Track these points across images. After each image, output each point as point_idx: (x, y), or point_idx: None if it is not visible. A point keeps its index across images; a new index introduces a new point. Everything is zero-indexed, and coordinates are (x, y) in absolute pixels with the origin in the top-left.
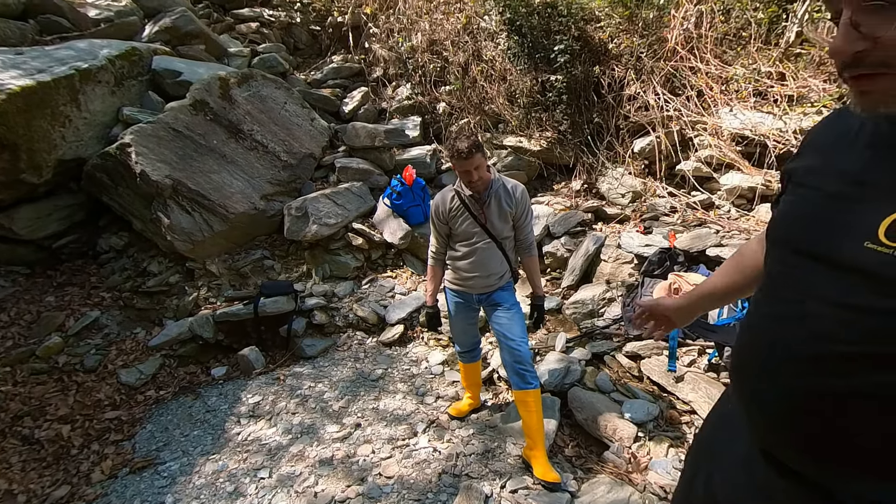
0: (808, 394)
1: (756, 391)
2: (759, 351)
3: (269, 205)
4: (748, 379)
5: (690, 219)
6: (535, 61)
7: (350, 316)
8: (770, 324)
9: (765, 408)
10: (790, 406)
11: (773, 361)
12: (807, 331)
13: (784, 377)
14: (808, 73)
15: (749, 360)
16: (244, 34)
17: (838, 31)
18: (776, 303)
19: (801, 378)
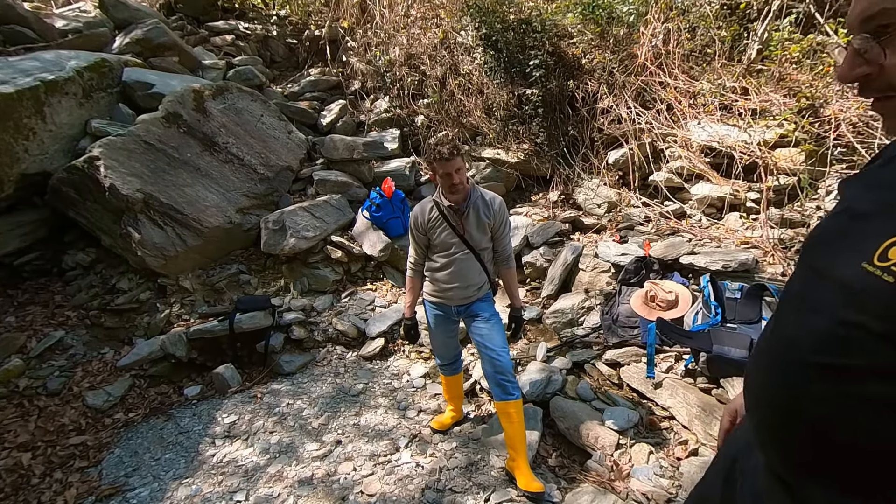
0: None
1: (751, 396)
2: (757, 355)
3: (245, 218)
4: (748, 388)
5: (664, 228)
6: (512, 75)
7: (329, 330)
8: (771, 329)
9: (759, 407)
10: (775, 411)
11: (761, 362)
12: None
13: (763, 380)
14: (769, 88)
15: (751, 370)
16: (219, 47)
17: (844, 57)
18: (782, 311)
19: (789, 380)
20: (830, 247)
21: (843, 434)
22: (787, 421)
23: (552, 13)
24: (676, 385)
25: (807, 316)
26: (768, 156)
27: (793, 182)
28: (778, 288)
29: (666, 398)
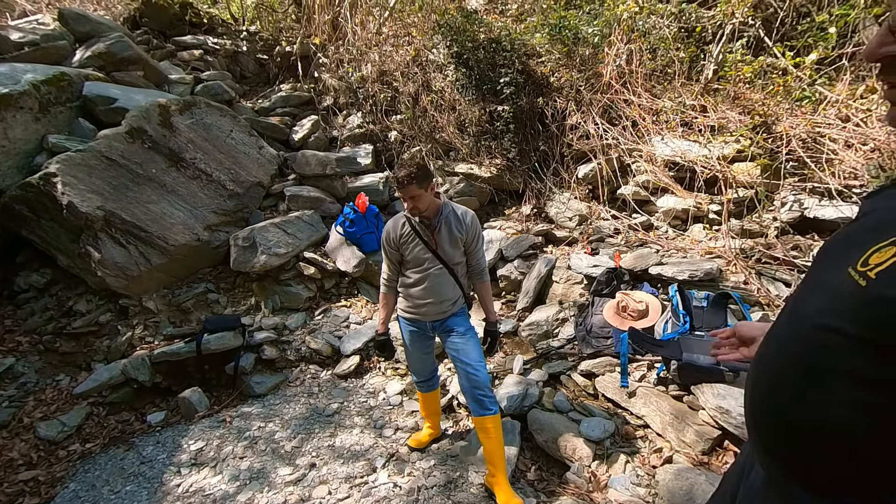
0: (770, 395)
1: (748, 403)
2: (756, 356)
3: (213, 235)
4: (746, 394)
5: (633, 239)
6: (483, 92)
7: (302, 349)
8: (777, 321)
9: (750, 402)
10: (764, 404)
11: (759, 360)
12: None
13: (759, 378)
14: (725, 106)
15: (749, 378)
16: (186, 61)
17: (875, 34)
18: (791, 302)
19: (767, 381)
20: (830, 254)
21: (829, 437)
22: (777, 425)
23: (521, 33)
24: (649, 393)
25: (796, 320)
26: (727, 170)
27: (751, 194)
28: (741, 296)
29: (640, 407)
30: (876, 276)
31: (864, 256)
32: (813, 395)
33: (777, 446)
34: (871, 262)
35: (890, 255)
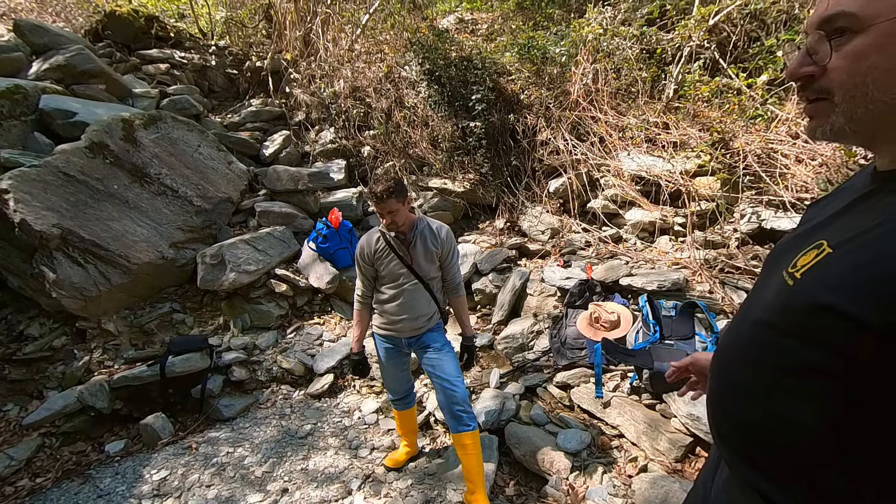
0: (723, 391)
1: (707, 393)
2: (718, 346)
3: (179, 253)
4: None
5: (603, 252)
6: (455, 109)
7: (274, 369)
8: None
9: (709, 405)
10: (720, 404)
11: (716, 353)
12: (730, 336)
13: (714, 375)
14: (686, 123)
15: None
16: (152, 75)
17: (797, 56)
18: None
19: (720, 377)
20: (774, 260)
21: (781, 429)
22: (734, 422)
23: (491, 52)
24: (623, 403)
25: (743, 322)
26: (690, 184)
27: (712, 207)
28: (707, 304)
29: (615, 417)
30: (801, 276)
31: (794, 259)
32: (761, 391)
33: (738, 443)
34: (799, 263)
35: (812, 256)
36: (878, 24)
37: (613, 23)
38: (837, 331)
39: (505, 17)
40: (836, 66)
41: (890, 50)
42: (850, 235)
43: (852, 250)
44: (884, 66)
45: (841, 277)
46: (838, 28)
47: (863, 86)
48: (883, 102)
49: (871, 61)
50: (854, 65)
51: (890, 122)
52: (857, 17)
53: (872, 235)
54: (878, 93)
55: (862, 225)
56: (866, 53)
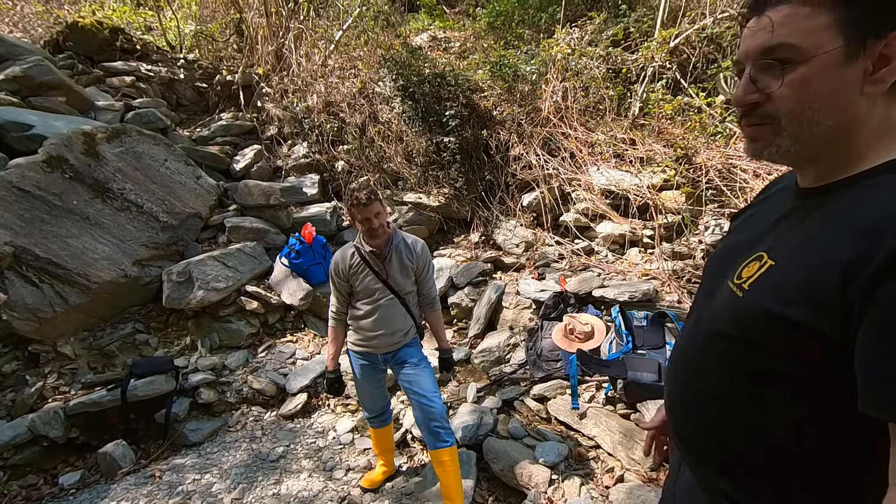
0: (683, 401)
1: (666, 399)
2: (671, 358)
3: (143, 271)
4: (665, 398)
5: (576, 264)
6: (429, 124)
7: (244, 390)
8: (679, 336)
9: (668, 410)
10: (673, 403)
11: (670, 365)
12: (684, 348)
13: (672, 386)
14: (651, 139)
15: (665, 382)
16: (116, 88)
17: (740, 84)
18: (688, 324)
19: (679, 380)
20: (713, 270)
21: (736, 432)
22: (693, 428)
23: (464, 69)
24: (599, 413)
25: (694, 331)
26: (657, 197)
27: (678, 220)
28: (676, 314)
29: (591, 427)
30: (749, 287)
31: (738, 270)
32: (717, 397)
33: (698, 448)
34: (744, 275)
35: (756, 268)
36: (819, 56)
37: (581, 43)
38: (787, 337)
39: (477, 35)
40: (783, 94)
41: (831, 79)
42: (786, 249)
43: (793, 263)
44: (826, 93)
45: (786, 288)
46: (781, 58)
47: (809, 111)
48: (826, 126)
49: (814, 89)
50: (800, 92)
51: (830, 144)
52: (800, 49)
53: (808, 249)
54: (822, 117)
55: (797, 239)
56: (811, 82)
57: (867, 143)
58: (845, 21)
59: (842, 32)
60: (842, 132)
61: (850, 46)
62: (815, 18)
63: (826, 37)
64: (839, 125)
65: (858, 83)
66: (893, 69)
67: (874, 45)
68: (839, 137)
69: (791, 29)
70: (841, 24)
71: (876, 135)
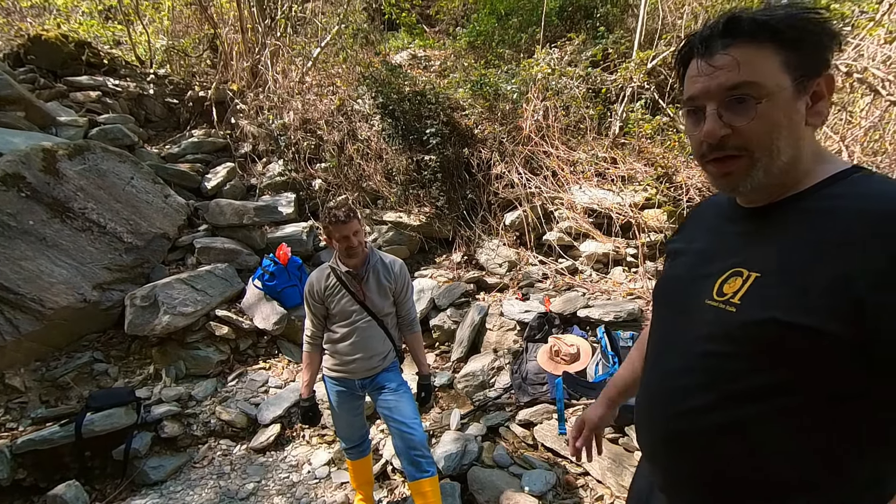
0: (670, 430)
1: (639, 431)
2: (642, 395)
3: (104, 295)
4: (638, 425)
5: (560, 284)
6: (410, 142)
7: (212, 422)
8: (647, 370)
9: (648, 447)
10: (659, 442)
11: (647, 403)
12: (663, 372)
13: (657, 416)
14: (632, 158)
15: (638, 407)
16: (81, 103)
17: (708, 120)
18: (652, 352)
19: (668, 416)
20: (680, 292)
21: (736, 452)
22: (673, 450)
23: (444, 88)
24: None
25: (668, 361)
26: (639, 216)
27: (661, 238)
28: None
29: None
30: (741, 301)
31: (714, 289)
32: (711, 417)
33: (690, 485)
34: (726, 291)
35: (739, 283)
36: (779, 93)
37: (561, 63)
38: (795, 343)
39: (457, 54)
40: (752, 128)
41: (789, 113)
42: (766, 260)
43: (783, 273)
44: (786, 125)
45: (785, 297)
46: (745, 94)
47: (776, 141)
48: (788, 155)
49: (777, 122)
50: (767, 126)
51: (786, 171)
52: (763, 86)
53: (796, 258)
54: (785, 147)
55: (775, 251)
56: (774, 116)
57: (807, 165)
58: (790, 64)
59: (789, 73)
60: (795, 158)
61: (798, 84)
62: (770, 60)
63: (781, 76)
64: (795, 153)
65: (804, 116)
66: (825, 103)
67: (811, 84)
68: (793, 163)
69: (752, 69)
70: (787, 66)
71: (811, 158)
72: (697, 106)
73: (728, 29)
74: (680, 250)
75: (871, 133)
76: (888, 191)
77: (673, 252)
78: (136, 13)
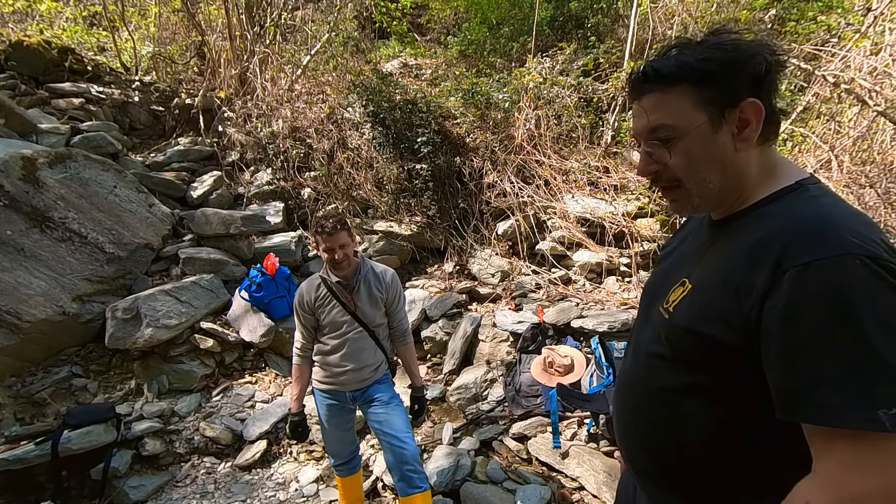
0: (629, 421)
1: (614, 421)
2: (616, 391)
3: (84, 307)
4: (614, 418)
5: (554, 294)
6: (401, 151)
7: (195, 438)
8: (620, 370)
9: (617, 433)
10: (620, 422)
11: (616, 386)
12: (628, 371)
13: (619, 408)
14: (624, 167)
15: (613, 406)
16: (63, 110)
17: (641, 158)
18: (628, 350)
19: (625, 409)
20: (649, 297)
21: (680, 448)
22: (640, 447)
23: (436, 96)
24: (582, 452)
25: (634, 354)
26: (632, 225)
27: (654, 247)
28: None
29: (574, 468)
30: (673, 310)
31: (667, 296)
32: (657, 414)
33: (642, 466)
34: (671, 299)
35: (680, 293)
36: (692, 130)
37: (552, 72)
38: (702, 350)
39: (448, 63)
40: (675, 164)
41: (706, 145)
42: (701, 272)
43: (704, 285)
44: (706, 157)
45: (700, 307)
46: (663, 137)
47: (701, 172)
48: (717, 181)
49: (697, 155)
50: (687, 160)
51: (726, 192)
52: (675, 127)
53: (714, 271)
54: (710, 175)
55: (707, 263)
56: (692, 151)
57: (754, 184)
58: (704, 100)
59: (704, 109)
60: (731, 181)
61: (713, 118)
62: (681, 101)
63: (693, 114)
64: (727, 178)
65: (731, 144)
66: (753, 129)
67: (732, 114)
68: (731, 185)
69: (665, 112)
70: (702, 102)
71: (758, 176)
72: (638, 142)
73: (645, 76)
74: (663, 257)
75: (859, 143)
76: (808, 211)
77: (659, 258)
78: (121, 20)
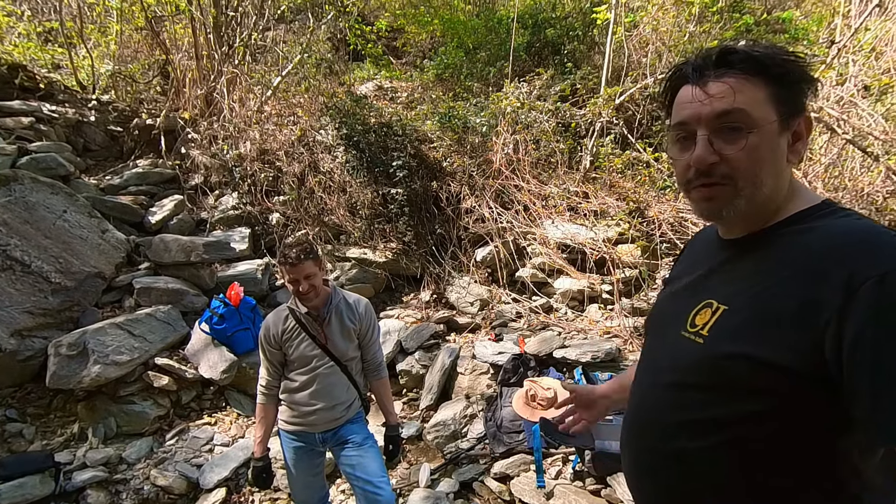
0: (642, 454)
1: (622, 452)
2: (625, 419)
3: (24, 343)
4: (621, 446)
5: (535, 323)
6: (375, 175)
7: (145, 488)
8: (631, 395)
9: (625, 469)
10: (635, 465)
11: (626, 426)
12: (644, 406)
13: (632, 440)
14: (604, 192)
15: (622, 430)
16: (10, 129)
17: (699, 146)
18: (636, 379)
19: (639, 440)
20: (659, 325)
21: (703, 485)
22: (639, 474)
23: (412, 119)
24: (567, 492)
25: (650, 386)
26: (613, 251)
27: (636, 274)
28: None
29: None
30: (708, 333)
31: (688, 320)
32: (680, 454)
33: (649, 496)
34: (698, 322)
35: (709, 315)
36: (766, 126)
37: (530, 97)
38: (750, 376)
39: (425, 87)
40: (739, 157)
41: (773, 147)
42: (734, 292)
43: (744, 305)
44: (769, 159)
45: (744, 328)
46: (736, 122)
47: (760, 173)
48: (768, 187)
49: (762, 154)
50: (753, 156)
51: (764, 203)
52: (753, 117)
53: (756, 290)
54: (766, 179)
55: (741, 282)
56: (760, 147)
57: (784, 200)
58: (777, 98)
59: (775, 108)
60: (775, 192)
61: (783, 120)
62: (759, 93)
63: (768, 110)
64: (775, 186)
65: (786, 153)
66: (804, 143)
67: (794, 121)
68: (773, 196)
69: (746, 98)
70: (774, 100)
71: (788, 193)
72: (687, 132)
73: (723, 59)
74: (670, 280)
75: (830, 170)
76: (853, 225)
77: (666, 282)
78: (79, 36)
